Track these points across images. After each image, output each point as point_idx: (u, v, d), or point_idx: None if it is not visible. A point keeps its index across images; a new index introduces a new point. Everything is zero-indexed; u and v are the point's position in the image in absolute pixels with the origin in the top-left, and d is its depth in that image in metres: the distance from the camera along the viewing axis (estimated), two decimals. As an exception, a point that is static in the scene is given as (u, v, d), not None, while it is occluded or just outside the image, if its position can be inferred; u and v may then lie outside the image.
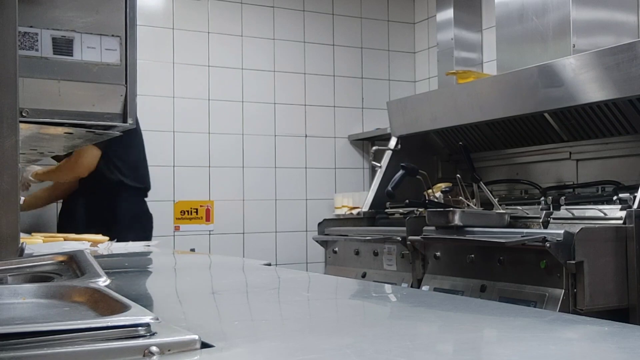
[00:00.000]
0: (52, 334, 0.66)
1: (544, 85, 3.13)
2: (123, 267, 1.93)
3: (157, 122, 4.35)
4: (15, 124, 1.19)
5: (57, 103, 1.41)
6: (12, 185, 1.18)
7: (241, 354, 0.74)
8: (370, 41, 5.11)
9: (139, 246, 2.64)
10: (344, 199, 4.54)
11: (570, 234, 2.45)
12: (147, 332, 0.70)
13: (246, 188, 4.65)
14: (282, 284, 1.45)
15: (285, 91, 4.81)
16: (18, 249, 1.20)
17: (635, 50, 2.74)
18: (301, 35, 4.88)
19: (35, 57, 1.39)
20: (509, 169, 3.82)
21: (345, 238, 3.68)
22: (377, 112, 4.99)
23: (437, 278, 3.04)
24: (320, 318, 1.03)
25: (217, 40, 4.61)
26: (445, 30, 4.53)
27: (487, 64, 4.45)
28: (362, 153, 5.07)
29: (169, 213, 4.43)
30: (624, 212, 2.55)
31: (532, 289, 2.58)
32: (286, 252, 4.74)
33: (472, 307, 1.11)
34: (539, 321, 0.93)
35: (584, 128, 3.27)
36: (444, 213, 2.93)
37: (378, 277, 3.41)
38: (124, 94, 1.46)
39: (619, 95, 2.86)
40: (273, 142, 4.77)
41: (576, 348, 0.80)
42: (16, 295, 0.91)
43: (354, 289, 1.50)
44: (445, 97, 3.78)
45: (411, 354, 0.74)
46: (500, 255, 2.71)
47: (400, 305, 1.20)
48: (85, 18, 1.44)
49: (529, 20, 3.50)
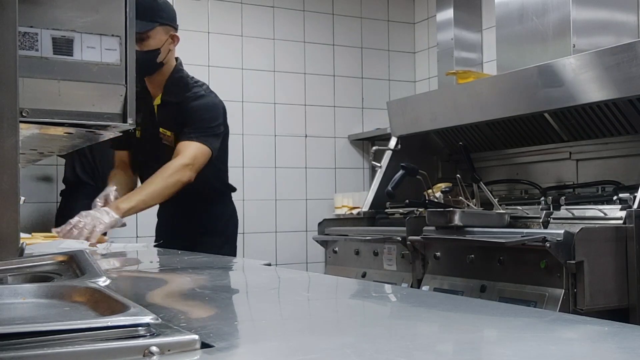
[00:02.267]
0: (52, 334, 0.66)
1: (544, 85, 3.13)
2: (122, 267, 1.94)
3: (157, 122, 4.35)
4: (15, 124, 1.19)
5: (57, 103, 1.41)
6: (12, 185, 1.18)
7: (241, 354, 0.74)
8: (370, 41, 5.11)
9: (139, 246, 2.64)
10: (344, 199, 4.54)
11: (570, 234, 2.45)
12: (147, 332, 0.70)
13: (246, 188, 4.65)
14: (282, 284, 1.45)
15: (285, 91, 4.81)
16: (18, 249, 1.20)
17: (635, 50, 2.74)
18: (301, 35, 4.89)
19: (35, 57, 1.39)
20: (509, 169, 3.82)
21: (345, 238, 3.68)
22: (377, 112, 4.99)
23: (437, 278, 3.04)
24: (320, 318, 1.03)
25: (217, 40, 4.61)
26: (445, 30, 4.53)
27: (487, 64, 4.45)
28: (362, 153, 5.07)
29: (169, 213, 4.43)
30: (624, 212, 2.55)
31: (532, 289, 2.58)
32: (286, 252, 4.74)
33: (472, 307, 1.11)
34: (539, 321, 0.93)
35: (584, 128, 3.27)
36: (444, 213, 2.93)
37: (378, 277, 3.41)
38: (124, 94, 1.46)
39: (619, 95, 2.85)
40: (273, 142, 4.77)
41: (576, 348, 0.80)
42: (16, 295, 0.91)
43: (354, 289, 1.50)
44: (445, 97, 3.78)
45: (411, 354, 0.74)
46: (500, 255, 2.71)
47: (400, 305, 1.20)
48: (85, 18, 1.44)
49: (529, 20, 3.50)
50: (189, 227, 2.88)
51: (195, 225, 2.89)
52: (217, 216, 2.96)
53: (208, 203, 2.91)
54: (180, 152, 2.68)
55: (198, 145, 2.70)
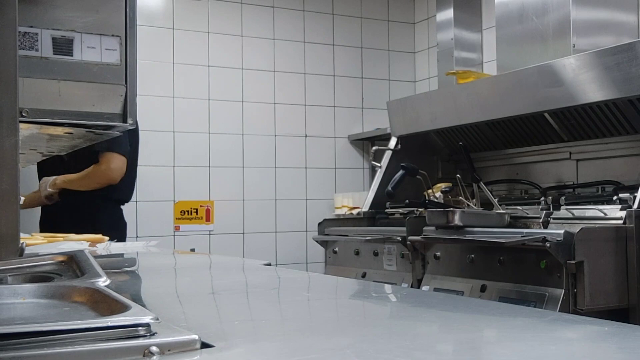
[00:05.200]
0: (52, 334, 0.66)
1: (544, 85, 3.13)
2: (123, 267, 1.93)
3: (157, 122, 4.35)
4: (15, 124, 1.19)
5: (57, 103, 1.41)
6: (12, 185, 1.18)
7: (241, 354, 0.74)
8: (370, 41, 5.11)
9: (139, 246, 2.64)
10: (344, 199, 4.54)
11: (570, 234, 2.45)
12: (147, 332, 0.70)
13: (246, 188, 4.65)
14: (282, 284, 1.45)
15: (285, 91, 4.81)
16: (18, 249, 1.20)
17: (635, 50, 2.74)
18: (301, 35, 4.89)
19: (35, 57, 1.39)
20: (509, 169, 3.82)
21: (345, 238, 3.68)
22: (377, 112, 4.99)
23: (437, 278, 3.04)
24: (320, 318, 1.03)
25: (217, 40, 4.61)
26: (445, 30, 4.53)
27: (487, 64, 4.45)
28: (362, 153, 5.07)
29: (169, 213, 4.43)
30: (624, 212, 2.55)
31: (532, 289, 2.58)
32: (286, 252, 4.75)
33: (472, 307, 1.11)
34: (539, 321, 0.93)
35: (584, 128, 3.27)
36: (444, 213, 2.93)
37: (378, 277, 3.41)
38: (124, 94, 1.46)
39: (619, 95, 2.86)
40: (273, 142, 4.77)
41: (576, 348, 0.80)
42: (16, 295, 0.91)
43: (354, 289, 1.50)
44: (445, 97, 3.78)
45: (411, 354, 0.74)
46: (500, 255, 2.71)
47: (400, 305, 1.20)
48: (85, 18, 1.44)
49: (529, 20, 3.50)
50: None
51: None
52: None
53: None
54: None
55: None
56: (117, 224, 3.47)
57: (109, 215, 3.43)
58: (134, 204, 4.05)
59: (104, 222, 3.27)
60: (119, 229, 3.45)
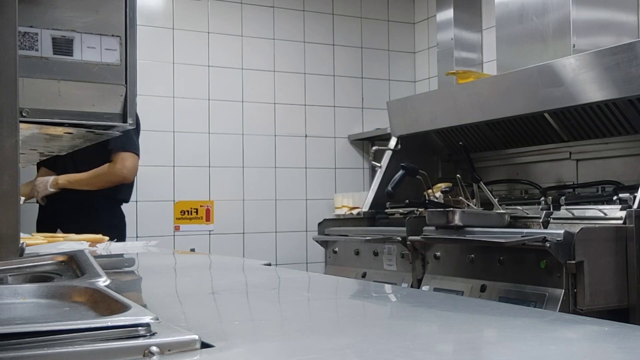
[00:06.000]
0: (52, 334, 0.66)
1: (544, 85, 3.13)
2: (122, 267, 1.93)
3: (157, 122, 4.35)
4: (15, 124, 1.19)
5: (57, 103, 1.41)
6: (12, 185, 1.18)
7: (241, 354, 0.74)
8: (370, 41, 5.11)
9: (139, 246, 2.64)
10: (344, 199, 4.54)
11: (570, 234, 2.45)
12: (147, 332, 0.70)
13: (246, 188, 4.65)
14: (282, 284, 1.45)
15: (285, 91, 4.81)
16: (18, 249, 1.20)
17: (635, 50, 2.74)
18: (301, 35, 4.88)
19: (35, 57, 1.39)
20: (509, 169, 3.82)
21: (345, 238, 3.68)
22: (377, 112, 4.99)
23: (437, 278, 3.04)
24: (320, 318, 1.03)
25: (217, 40, 4.61)
26: (445, 30, 4.53)
27: (487, 64, 4.45)
28: (362, 153, 5.07)
29: (169, 213, 4.43)
30: (624, 212, 2.55)
31: (532, 289, 2.58)
32: (286, 252, 4.74)
33: (472, 307, 1.11)
34: (539, 321, 0.93)
35: (584, 128, 3.27)
36: (444, 213, 2.93)
37: (378, 277, 3.41)
38: (124, 94, 1.46)
39: (619, 95, 2.85)
40: (273, 142, 4.77)
41: (576, 348, 0.80)
42: (16, 295, 0.91)
43: (354, 289, 1.50)
44: (445, 97, 3.78)
45: (411, 354, 0.74)
46: (500, 255, 2.71)
47: (400, 305, 1.20)
48: (85, 18, 1.44)
49: (529, 20, 3.50)
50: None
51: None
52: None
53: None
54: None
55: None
56: (118, 223, 3.48)
57: (111, 214, 3.44)
58: (134, 204, 4.05)
59: (105, 221, 3.28)
60: (120, 228, 3.46)
